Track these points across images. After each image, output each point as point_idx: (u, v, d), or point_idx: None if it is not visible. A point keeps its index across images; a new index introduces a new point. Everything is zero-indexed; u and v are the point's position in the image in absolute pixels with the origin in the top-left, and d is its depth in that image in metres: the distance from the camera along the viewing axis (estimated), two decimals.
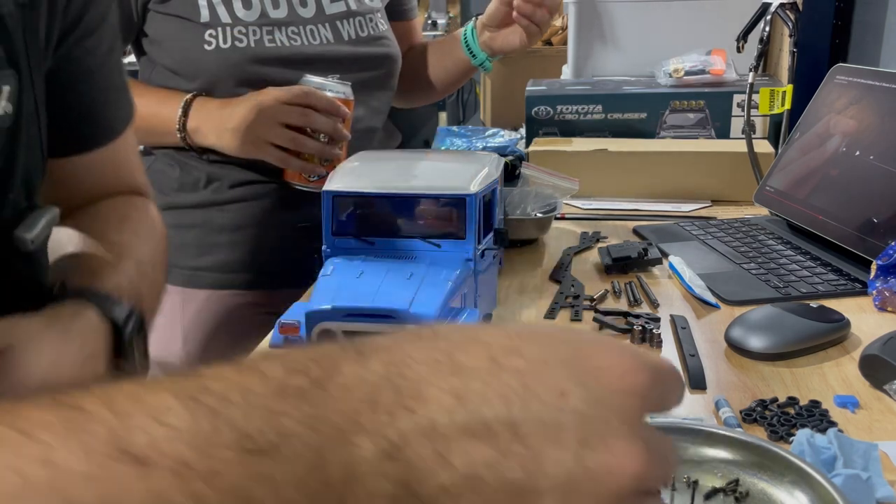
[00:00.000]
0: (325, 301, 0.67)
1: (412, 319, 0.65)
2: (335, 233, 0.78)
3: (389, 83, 1.25)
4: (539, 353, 0.29)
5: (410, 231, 0.78)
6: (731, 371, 0.74)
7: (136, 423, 0.21)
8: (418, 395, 0.26)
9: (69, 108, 0.66)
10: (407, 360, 0.27)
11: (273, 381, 0.25)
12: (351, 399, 0.25)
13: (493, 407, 0.27)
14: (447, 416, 0.26)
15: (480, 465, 0.26)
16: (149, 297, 0.64)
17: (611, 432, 0.27)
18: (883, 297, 0.87)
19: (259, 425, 0.22)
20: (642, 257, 1.00)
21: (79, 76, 0.66)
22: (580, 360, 0.29)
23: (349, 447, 0.24)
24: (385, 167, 0.86)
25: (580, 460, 0.27)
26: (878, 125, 1.05)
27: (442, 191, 0.78)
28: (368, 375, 0.26)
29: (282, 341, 0.70)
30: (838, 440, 0.55)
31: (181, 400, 0.22)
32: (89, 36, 0.66)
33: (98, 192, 0.71)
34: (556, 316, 0.89)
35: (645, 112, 1.60)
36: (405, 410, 0.26)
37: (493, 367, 0.28)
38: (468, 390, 0.27)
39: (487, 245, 0.81)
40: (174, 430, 0.21)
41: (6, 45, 0.57)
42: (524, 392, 0.27)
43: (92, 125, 0.69)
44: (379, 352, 0.28)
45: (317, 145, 1.05)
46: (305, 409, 0.24)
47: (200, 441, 0.21)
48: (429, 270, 0.72)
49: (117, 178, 0.73)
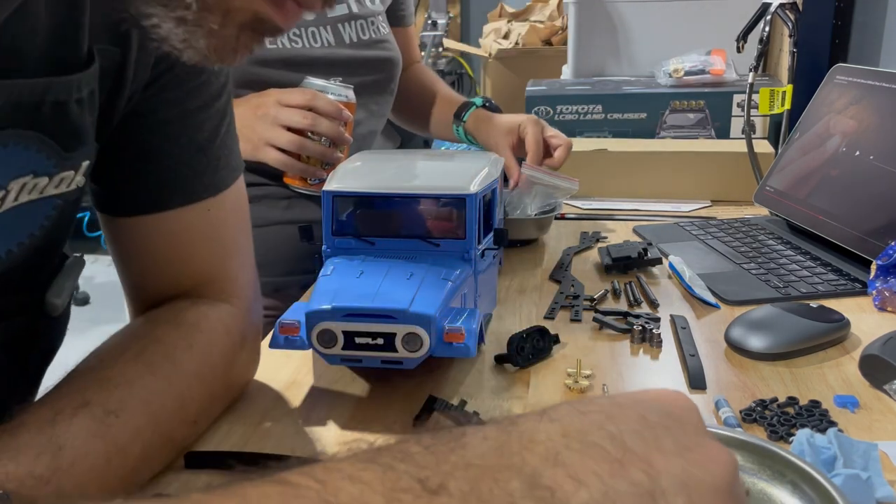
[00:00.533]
0: (325, 301, 0.67)
1: (412, 319, 0.65)
2: (335, 233, 0.78)
3: (390, 87, 1.25)
4: (607, 401, 0.33)
5: (410, 231, 0.78)
6: (731, 371, 0.74)
7: (338, 486, 0.26)
8: (532, 439, 0.30)
9: (138, 159, 0.63)
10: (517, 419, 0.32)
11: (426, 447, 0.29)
12: (487, 445, 0.29)
13: (595, 433, 0.30)
14: (566, 447, 0.30)
15: (608, 477, 0.29)
16: (120, 448, 0.53)
17: (697, 436, 0.32)
18: (883, 297, 0.87)
19: (428, 474, 0.27)
20: (642, 257, 1.00)
21: (152, 126, 0.63)
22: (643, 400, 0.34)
23: (501, 484, 0.28)
24: (385, 167, 0.86)
25: (687, 458, 0.30)
26: (878, 125, 1.05)
27: (442, 191, 0.78)
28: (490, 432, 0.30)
29: (282, 341, 0.70)
30: (838, 440, 0.55)
31: (363, 462, 0.27)
32: (175, 89, 0.63)
33: (169, 268, 0.66)
34: (555, 316, 0.89)
35: (645, 112, 1.61)
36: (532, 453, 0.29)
37: (580, 413, 0.32)
38: (571, 428, 0.31)
39: (487, 245, 0.81)
40: (368, 485, 0.26)
41: (94, 119, 0.57)
42: (613, 419, 0.31)
43: (160, 182, 0.64)
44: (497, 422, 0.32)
45: (319, 149, 1.04)
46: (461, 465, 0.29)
47: (387, 488, 0.26)
48: (429, 270, 0.72)
49: (190, 255, 0.66)
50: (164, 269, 0.66)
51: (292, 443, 0.63)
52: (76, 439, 0.50)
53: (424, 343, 0.65)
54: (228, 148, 0.68)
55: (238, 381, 0.70)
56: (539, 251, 1.12)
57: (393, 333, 0.66)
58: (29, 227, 0.56)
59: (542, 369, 0.76)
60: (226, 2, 0.43)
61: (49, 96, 0.51)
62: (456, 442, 0.29)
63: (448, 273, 0.72)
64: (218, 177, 0.67)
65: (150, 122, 0.62)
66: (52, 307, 0.59)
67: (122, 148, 0.62)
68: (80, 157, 0.56)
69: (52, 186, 0.55)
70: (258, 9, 0.44)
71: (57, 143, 0.53)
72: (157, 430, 0.56)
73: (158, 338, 0.61)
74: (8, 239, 0.54)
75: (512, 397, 0.71)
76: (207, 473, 0.59)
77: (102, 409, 0.53)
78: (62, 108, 0.53)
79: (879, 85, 1.08)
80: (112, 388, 0.54)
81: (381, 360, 0.67)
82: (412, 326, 0.65)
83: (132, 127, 0.62)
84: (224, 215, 0.68)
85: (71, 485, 0.49)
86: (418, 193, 0.78)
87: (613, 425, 0.30)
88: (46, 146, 0.53)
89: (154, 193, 0.64)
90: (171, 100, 0.63)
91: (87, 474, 0.50)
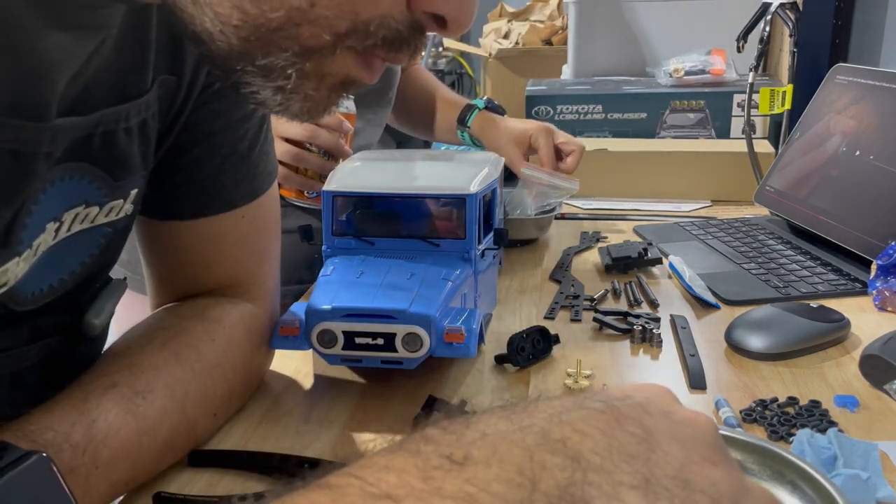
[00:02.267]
0: (325, 301, 0.67)
1: (412, 319, 0.65)
2: (335, 233, 0.78)
3: (388, 96, 1.25)
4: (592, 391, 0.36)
5: (410, 231, 0.78)
6: (731, 371, 0.74)
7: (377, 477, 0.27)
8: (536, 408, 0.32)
9: (180, 167, 0.64)
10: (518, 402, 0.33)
11: None
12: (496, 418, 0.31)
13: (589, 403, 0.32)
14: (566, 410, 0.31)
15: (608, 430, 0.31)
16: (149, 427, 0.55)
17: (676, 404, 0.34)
18: (883, 297, 0.87)
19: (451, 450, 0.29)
20: (642, 257, 1.00)
21: (196, 137, 0.63)
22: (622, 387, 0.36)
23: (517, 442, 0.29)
24: (385, 167, 0.86)
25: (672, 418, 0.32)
26: (878, 125, 1.05)
27: (442, 191, 0.78)
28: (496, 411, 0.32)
29: (282, 341, 0.70)
30: (838, 440, 0.55)
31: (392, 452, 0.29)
32: (220, 100, 0.63)
33: (201, 270, 0.68)
34: (555, 316, 0.89)
35: (645, 112, 1.61)
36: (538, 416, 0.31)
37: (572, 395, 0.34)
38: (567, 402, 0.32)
39: (487, 245, 0.81)
40: (403, 470, 0.28)
41: (144, 148, 0.58)
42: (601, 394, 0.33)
43: (199, 190, 0.65)
44: None
45: (317, 161, 1.02)
46: None
47: (420, 469, 0.28)
48: (429, 270, 0.72)
49: (222, 259, 0.68)
50: (194, 271, 0.68)
51: (292, 442, 0.63)
52: (108, 413, 0.52)
53: (424, 343, 0.65)
54: (266, 153, 0.69)
55: (254, 380, 0.71)
56: (539, 251, 1.12)
57: (393, 333, 0.66)
58: (80, 256, 0.57)
59: (542, 369, 0.76)
60: (322, 68, 0.44)
61: (99, 127, 0.52)
62: (468, 421, 0.31)
63: (448, 273, 0.72)
64: (256, 183, 0.68)
65: (195, 133, 0.63)
66: (90, 328, 0.60)
67: (164, 157, 0.62)
68: (129, 186, 0.57)
69: (103, 215, 0.56)
70: (350, 72, 0.46)
71: (106, 173, 0.54)
72: (182, 416, 0.58)
73: (184, 329, 0.62)
74: (62, 268, 0.55)
75: (512, 397, 0.71)
76: (209, 472, 0.59)
77: (131, 390, 0.55)
78: (111, 138, 0.54)
79: (880, 85, 1.08)
80: (139, 373, 0.56)
81: (381, 361, 0.67)
82: (412, 326, 0.65)
83: (177, 139, 0.62)
84: (258, 222, 0.69)
85: (106, 456, 0.51)
86: (418, 193, 0.78)
87: (603, 397, 0.33)
88: (98, 177, 0.54)
89: (192, 201, 0.65)
90: (215, 111, 0.63)
91: (121, 449, 0.52)
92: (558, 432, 0.30)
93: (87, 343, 0.61)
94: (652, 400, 0.34)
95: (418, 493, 0.27)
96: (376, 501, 0.27)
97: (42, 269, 0.53)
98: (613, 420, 0.31)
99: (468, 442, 0.29)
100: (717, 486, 0.31)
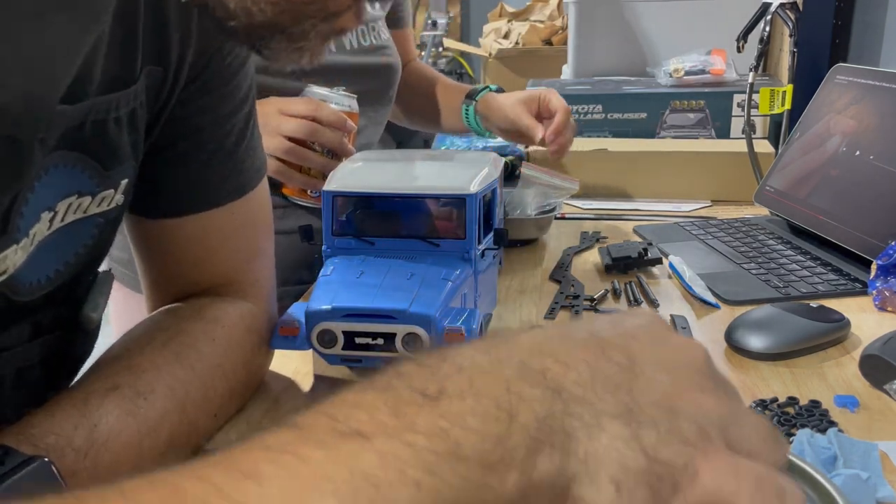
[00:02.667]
0: (325, 301, 0.67)
1: (412, 319, 0.65)
2: (335, 233, 0.78)
3: (389, 94, 1.25)
4: None
5: (410, 231, 0.78)
6: (731, 371, 0.74)
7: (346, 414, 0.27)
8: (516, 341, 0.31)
9: (166, 163, 0.64)
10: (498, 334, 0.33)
11: None
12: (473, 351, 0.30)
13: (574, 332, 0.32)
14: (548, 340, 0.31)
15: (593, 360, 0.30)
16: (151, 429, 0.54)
17: (668, 331, 0.34)
18: (883, 297, 0.87)
19: (425, 384, 0.28)
20: (642, 257, 1.00)
21: (184, 132, 0.63)
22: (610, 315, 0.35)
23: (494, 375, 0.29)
24: (385, 167, 0.86)
25: (661, 347, 0.32)
26: (878, 125, 1.05)
27: (442, 191, 0.78)
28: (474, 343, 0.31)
29: (282, 342, 0.69)
30: (838, 440, 0.55)
31: (363, 389, 0.29)
32: (206, 95, 0.63)
33: (192, 269, 0.67)
34: (555, 316, 0.89)
35: (645, 112, 1.61)
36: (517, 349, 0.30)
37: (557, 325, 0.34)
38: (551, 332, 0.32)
39: (487, 245, 0.81)
40: (373, 407, 0.27)
41: (133, 138, 0.58)
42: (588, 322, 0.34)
43: (187, 187, 0.65)
44: None
45: (320, 160, 1.01)
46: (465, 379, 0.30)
47: (391, 405, 0.27)
48: (429, 270, 0.72)
49: (213, 257, 0.68)
50: (187, 270, 0.68)
51: None
52: (110, 416, 0.52)
53: (424, 343, 0.65)
54: (253, 149, 0.69)
55: (254, 379, 0.70)
56: (539, 251, 1.12)
57: (393, 333, 0.66)
58: (75, 247, 0.57)
59: None
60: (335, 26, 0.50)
61: (90, 115, 0.52)
62: (444, 355, 0.30)
63: (448, 273, 0.72)
64: (242, 179, 0.68)
65: (182, 128, 0.63)
66: (88, 321, 0.60)
67: (151, 152, 0.62)
68: (119, 176, 0.57)
69: (95, 205, 0.56)
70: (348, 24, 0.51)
71: (97, 163, 0.54)
72: (184, 417, 0.58)
73: (183, 329, 0.62)
74: (57, 259, 0.56)
75: None
76: None
77: (132, 391, 0.54)
78: (101, 127, 0.54)
79: (880, 85, 1.08)
80: (140, 373, 0.56)
81: (381, 361, 0.67)
82: (412, 326, 0.65)
83: (163, 133, 0.62)
84: (247, 217, 0.69)
85: (107, 460, 0.50)
86: (418, 193, 0.78)
87: (589, 325, 0.33)
88: (89, 166, 0.54)
89: (180, 198, 0.65)
90: (202, 106, 0.63)
91: (122, 452, 0.52)
92: (538, 363, 0.29)
93: (84, 339, 0.62)
94: (642, 327, 0.33)
95: (390, 429, 0.26)
96: (345, 439, 0.26)
97: (39, 259, 0.53)
98: (598, 350, 0.30)
99: (443, 376, 0.28)
100: (706, 414, 0.30)
